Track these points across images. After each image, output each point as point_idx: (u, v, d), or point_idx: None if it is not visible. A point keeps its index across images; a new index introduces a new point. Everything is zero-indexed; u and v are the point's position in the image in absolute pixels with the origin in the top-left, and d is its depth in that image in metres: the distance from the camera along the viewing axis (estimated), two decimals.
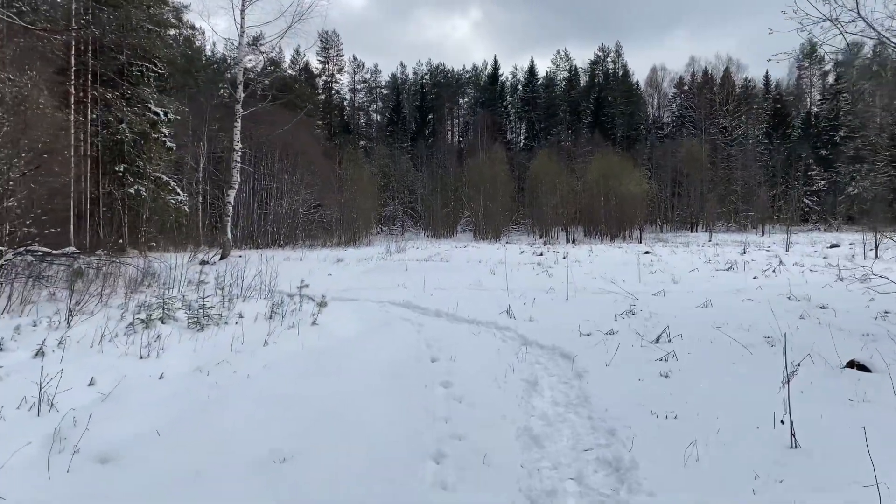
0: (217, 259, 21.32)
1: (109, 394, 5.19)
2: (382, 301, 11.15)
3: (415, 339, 7.82)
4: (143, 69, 29.10)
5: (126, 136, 27.81)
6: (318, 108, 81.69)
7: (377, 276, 15.81)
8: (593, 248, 31.23)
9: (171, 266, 14.44)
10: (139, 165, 28.10)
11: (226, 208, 22.70)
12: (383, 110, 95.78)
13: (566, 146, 75.76)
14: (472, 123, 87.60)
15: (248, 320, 8.55)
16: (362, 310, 10.22)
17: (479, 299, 11.24)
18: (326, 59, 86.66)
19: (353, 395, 5.36)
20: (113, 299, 9.73)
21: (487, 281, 14.09)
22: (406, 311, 10.14)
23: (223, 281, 11.93)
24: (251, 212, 43.62)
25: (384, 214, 71.41)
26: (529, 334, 8.08)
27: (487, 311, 9.87)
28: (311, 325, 8.39)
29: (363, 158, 72.25)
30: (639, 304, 10.75)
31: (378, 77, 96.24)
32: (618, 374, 6.22)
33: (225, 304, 9.36)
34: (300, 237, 45.42)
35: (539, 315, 9.51)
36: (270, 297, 10.81)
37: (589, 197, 58.12)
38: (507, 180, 61.38)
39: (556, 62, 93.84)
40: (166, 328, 7.60)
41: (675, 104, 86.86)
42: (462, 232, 66.45)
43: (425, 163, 72.86)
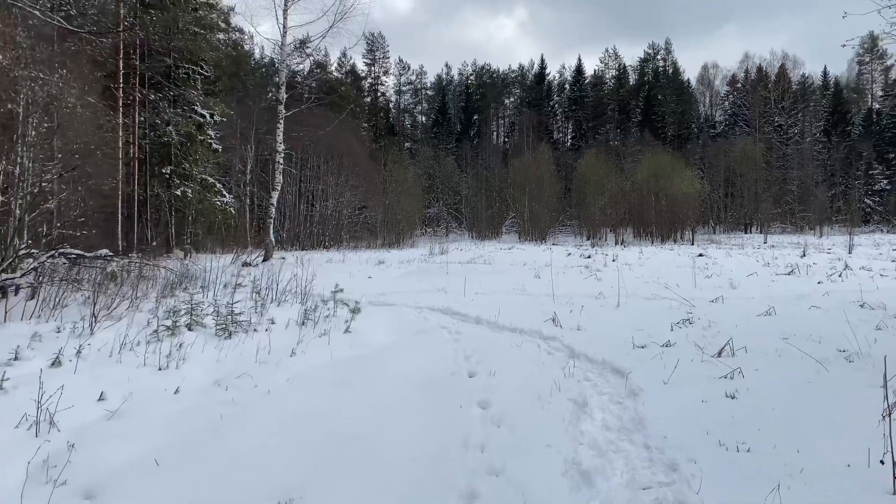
0: (260, 261, 21.14)
1: (117, 411, 4.78)
2: (421, 306, 10.63)
3: (452, 349, 7.27)
4: (189, 72, 29.29)
5: (173, 139, 28.00)
6: (363, 110, 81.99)
7: (417, 279, 15.32)
8: (643, 251, 30.21)
9: (210, 269, 14.24)
10: (185, 167, 28.27)
11: (269, 210, 22.54)
12: (428, 112, 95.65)
13: (615, 145, 74.27)
14: (518, 123, 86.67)
15: (279, 327, 8.14)
16: (399, 316, 9.72)
17: (523, 305, 10.62)
18: (372, 61, 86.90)
19: (379, 414, 4.84)
20: (144, 303, 9.44)
21: (532, 285, 13.45)
22: (445, 318, 9.60)
23: (259, 284, 11.63)
24: (297, 213, 43.72)
25: (428, 216, 71.09)
26: (577, 345, 7.45)
27: (531, 319, 9.25)
28: (344, 333, 7.92)
29: (408, 160, 72.15)
30: (696, 311, 9.99)
31: (423, 78, 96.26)
32: (677, 393, 5.56)
33: (257, 309, 8.98)
34: (345, 239, 45.41)
35: (587, 323, 8.86)
36: (305, 301, 10.41)
37: (638, 197, 56.65)
38: (553, 181, 60.33)
39: (605, 60, 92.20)
40: (192, 335, 7.23)
41: (728, 102, 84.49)
42: (507, 233, 65.69)
43: (470, 164, 72.29)
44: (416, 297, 11.92)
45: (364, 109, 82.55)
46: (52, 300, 9.08)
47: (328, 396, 5.29)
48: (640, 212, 56.92)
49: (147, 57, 28.63)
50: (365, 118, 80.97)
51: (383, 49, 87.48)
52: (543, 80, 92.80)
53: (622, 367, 6.43)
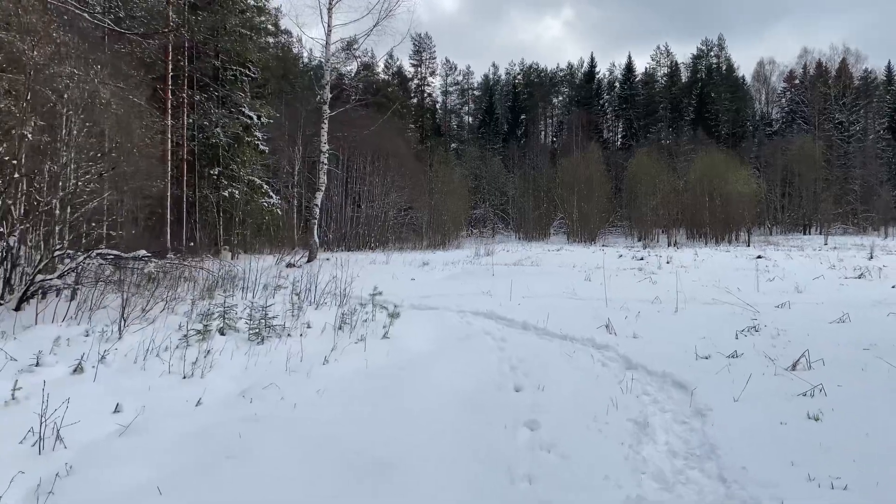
0: (304, 262, 20.94)
1: (130, 425, 4.40)
2: (464, 310, 10.10)
3: (497, 358, 6.73)
4: (236, 73, 29.40)
5: (220, 140, 28.12)
6: (409, 111, 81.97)
7: (462, 281, 14.80)
8: (698, 252, 29.11)
9: (252, 270, 13.99)
10: (233, 169, 28.34)
11: (313, 210, 22.34)
12: (475, 112, 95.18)
13: (667, 144, 72.66)
14: (567, 123, 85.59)
15: (315, 331, 7.74)
16: (441, 321, 9.21)
17: (573, 310, 10.01)
18: (419, 62, 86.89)
19: (413, 436, 4.34)
20: (180, 305, 9.15)
21: (582, 289, 12.79)
22: (489, 323, 9.05)
23: (299, 286, 11.28)
24: (343, 215, 43.71)
25: (475, 217, 70.55)
26: (634, 355, 6.83)
27: (583, 325, 8.65)
28: (382, 339, 7.46)
29: (454, 160, 71.75)
30: (761, 317, 9.24)
31: (470, 79, 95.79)
32: (751, 413, 4.92)
33: (294, 312, 8.60)
34: (391, 239, 45.21)
35: (644, 331, 8.21)
36: (344, 304, 10.01)
37: (692, 197, 55.07)
38: (603, 180, 59.16)
39: (656, 58, 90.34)
40: (223, 340, 6.87)
41: (785, 99, 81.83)
42: (555, 234, 64.73)
43: (517, 164, 71.55)
44: (459, 300, 11.40)
45: (410, 110, 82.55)
46: (91, 302, 8.88)
47: (357, 413, 4.81)
48: (693, 212, 55.34)
49: (195, 59, 28.84)
50: (411, 119, 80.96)
51: (430, 50, 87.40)
52: (593, 78, 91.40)
53: (685, 381, 5.80)
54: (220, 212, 29.08)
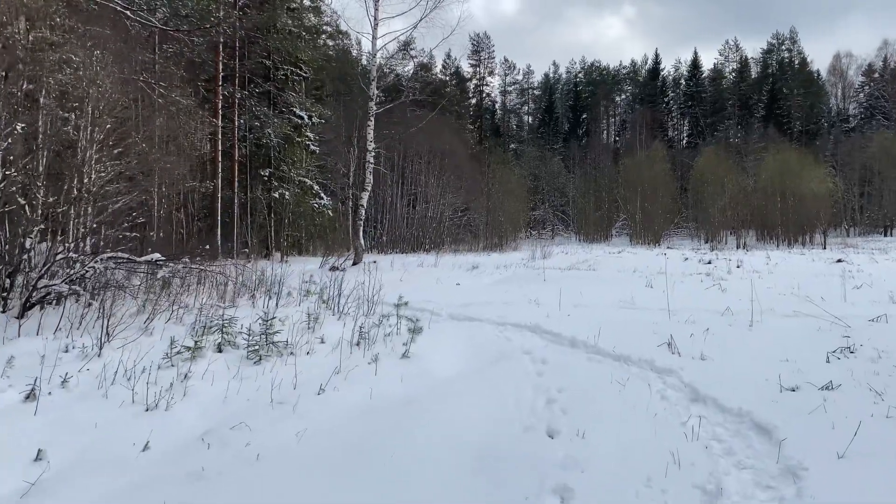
0: (349, 265, 20.16)
1: (38, 481, 3.45)
2: (505, 322, 8.93)
3: (532, 386, 5.56)
4: (287, 73, 28.95)
5: (271, 141, 27.69)
6: (468, 111, 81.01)
7: (509, 287, 13.60)
8: (770, 255, 27.10)
9: (285, 274, 13.20)
10: (284, 169, 27.87)
11: (358, 212, 21.52)
12: (535, 112, 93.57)
13: (735, 142, 69.67)
14: (630, 121, 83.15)
15: (326, 347, 6.76)
16: (476, 334, 8.07)
17: (631, 323, 8.74)
18: (477, 62, 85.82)
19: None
20: (189, 314, 8.32)
21: (642, 297, 11.44)
22: (532, 339, 7.87)
23: (329, 292, 10.39)
24: (397, 216, 43.01)
25: (534, 218, 69.09)
26: (702, 384, 5.57)
27: (641, 342, 7.40)
28: (401, 358, 6.40)
29: (512, 161, 70.41)
30: (854, 334, 7.79)
31: (530, 78, 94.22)
32: (865, 478, 3.65)
33: (311, 324, 7.65)
34: (446, 241, 44.33)
35: (714, 351, 6.91)
36: (372, 313, 9.03)
37: (762, 197, 52.29)
38: (668, 180, 56.89)
39: (724, 53, 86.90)
40: (217, 359, 5.95)
41: (864, 94, 77.26)
42: (617, 236, 62.65)
43: (578, 164, 69.76)
44: (503, 309, 10.26)
45: (469, 111, 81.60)
46: (103, 309, 8.15)
47: (332, 473, 3.74)
48: (763, 213, 52.54)
49: (246, 58, 28.53)
50: (469, 119, 79.98)
51: (488, 49, 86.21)
52: (657, 75, 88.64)
53: (769, 424, 4.54)
54: (271, 213, 28.69)
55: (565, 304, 10.53)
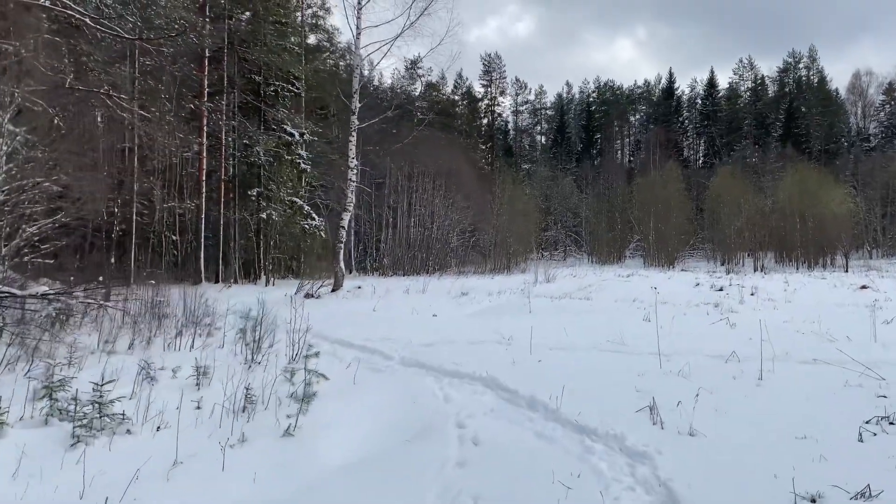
0: (328, 291, 18.64)
1: None
2: (459, 372, 7.25)
3: (441, 488, 3.96)
4: (278, 89, 27.72)
5: (260, 159, 26.40)
6: (480, 131, 79.78)
7: (487, 320, 11.93)
8: (789, 280, 25.23)
9: (230, 303, 11.71)
10: (272, 189, 26.54)
11: (338, 233, 20.00)
12: (547, 131, 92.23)
13: (752, 162, 67.68)
14: (644, 141, 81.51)
15: (202, 414, 5.19)
16: (411, 392, 6.41)
17: (612, 373, 7.09)
18: (489, 82, 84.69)
19: None
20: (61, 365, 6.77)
21: (635, 334, 9.73)
22: (479, 398, 6.22)
23: (251, 328, 8.84)
24: (399, 237, 41.50)
25: (546, 239, 67.38)
26: (683, 484, 3.94)
27: (616, 404, 5.78)
28: (282, 437, 4.79)
29: (524, 181, 68.95)
30: (892, 392, 6.14)
31: (543, 98, 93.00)
32: None
33: (199, 378, 6.10)
34: (451, 263, 42.80)
35: (708, 421, 5.25)
36: (295, 359, 7.48)
37: (780, 218, 50.30)
38: (682, 200, 55.08)
39: (739, 72, 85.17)
40: (24, 439, 4.40)
41: (884, 112, 75.11)
42: (631, 257, 60.71)
43: (591, 184, 68.06)
44: (465, 351, 8.64)
45: (480, 131, 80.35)
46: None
47: None
48: (782, 234, 50.52)
49: (235, 74, 27.37)
50: (481, 139, 78.74)
51: (500, 69, 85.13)
52: (672, 94, 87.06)
53: None
54: (260, 235, 27.34)
55: (542, 343, 8.88)
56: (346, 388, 6.36)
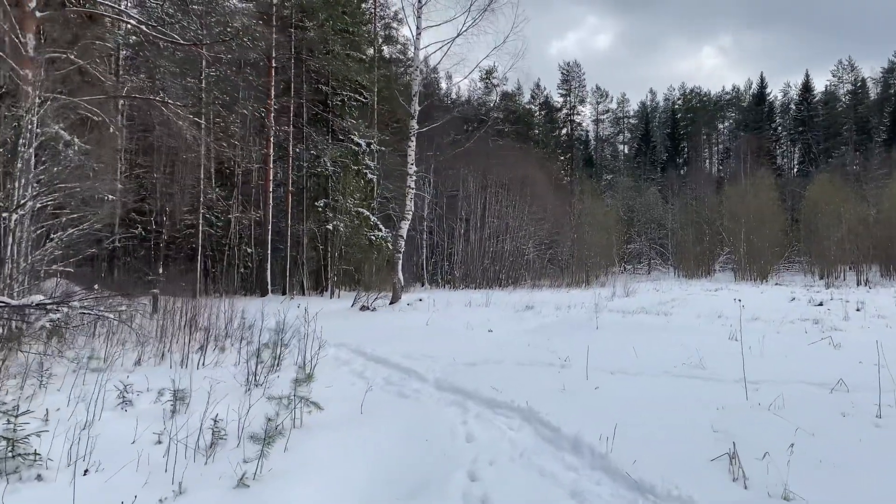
0: (386, 303, 17.72)
1: None
2: (495, 401, 6.06)
3: None
4: (344, 98, 27.27)
5: (327, 170, 25.96)
6: (558, 141, 77.96)
7: (545, 337, 10.56)
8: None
9: (283, 314, 10.88)
10: (339, 200, 26.02)
11: (397, 243, 19.07)
12: (630, 141, 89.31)
13: (853, 169, 63.01)
14: (734, 149, 77.52)
15: (149, 454, 4.21)
16: (420, 431, 5.14)
17: (682, 408, 5.69)
18: (567, 91, 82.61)
19: None
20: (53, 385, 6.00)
21: (717, 357, 8.20)
22: (511, 436, 4.97)
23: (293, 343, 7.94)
24: (472, 250, 40.40)
25: (629, 252, 64.77)
26: None
27: (685, 449, 4.46)
28: (234, 488, 3.73)
29: (605, 192, 66.70)
30: None
31: (625, 107, 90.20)
32: None
33: (176, 405, 5.16)
34: (526, 276, 41.41)
35: (809, 476, 3.86)
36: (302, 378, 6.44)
37: (886, 228, 46.19)
38: (776, 211, 51.62)
39: (838, 74, 79.89)
40: None
41: None
42: (721, 271, 57.35)
43: (677, 194, 65.02)
44: (511, 375, 7.41)
45: (559, 141, 78.51)
46: None
47: None
48: (888, 245, 46.37)
49: (302, 84, 27.12)
50: (560, 149, 76.87)
51: (579, 78, 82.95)
52: (763, 100, 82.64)
53: None
54: (327, 246, 26.87)
55: (603, 366, 7.54)
56: (349, 419, 5.28)
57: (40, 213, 10.09)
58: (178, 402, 5.14)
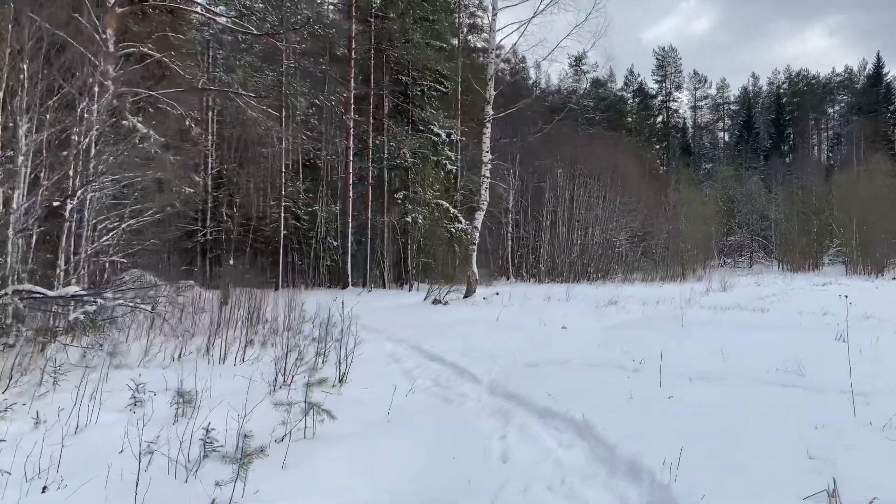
0: (460, 297, 17.07)
1: None
2: (549, 410, 5.23)
3: None
4: (424, 88, 26.80)
5: (406, 161, 25.60)
6: (653, 129, 75.16)
7: (623, 335, 9.51)
8: None
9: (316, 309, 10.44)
10: (418, 191, 25.62)
11: (472, 234, 18.34)
12: (731, 128, 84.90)
13: None
14: (845, 134, 72.31)
15: (125, 470, 3.70)
16: (448, 447, 4.43)
17: (772, 423, 4.70)
18: (663, 77, 79.40)
19: None
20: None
21: (821, 359, 7.02)
22: (561, 456, 4.15)
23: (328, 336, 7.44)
24: (559, 242, 39.19)
25: (729, 244, 61.53)
26: None
27: (773, 481, 3.55)
28: None
29: (703, 181, 63.60)
30: None
31: (725, 92, 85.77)
32: None
33: (181, 408, 4.67)
34: (617, 270, 39.86)
35: None
36: (340, 377, 5.88)
37: None
38: (893, 199, 47.50)
39: None
40: None
41: None
42: (830, 264, 53.50)
43: (781, 183, 61.14)
44: (574, 377, 6.59)
45: (655, 129, 75.68)
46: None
47: None
48: None
49: (383, 75, 26.85)
50: (655, 138, 74.06)
51: (675, 63, 79.50)
52: (880, 81, 76.51)
53: None
54: (407, 239, 26.56)
55: (683, 369, 6.58)
56: (371, 429, 4.64)
57: (99, 203, 10.00)
58: (184, 405, 4.65)
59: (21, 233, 7.44)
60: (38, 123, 8.50)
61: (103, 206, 10.06)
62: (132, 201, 10.83)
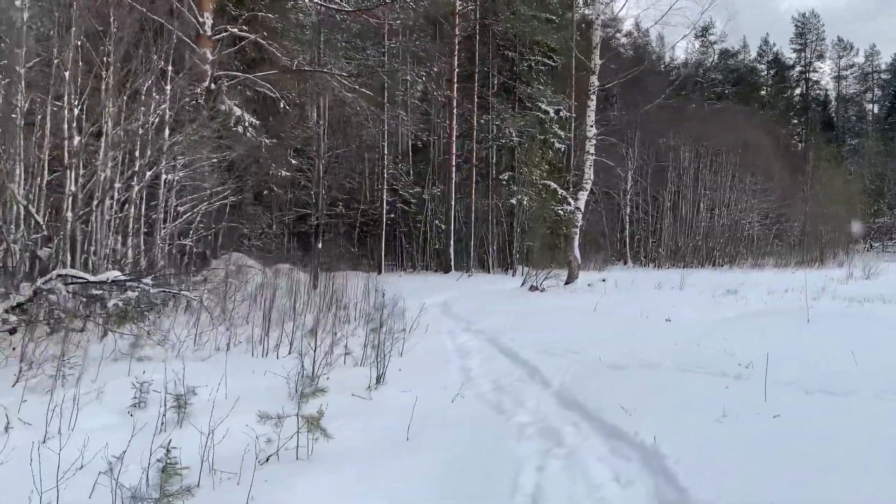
0: (560, 284, 15.97)
1: None
2: (618, 430, 4.25)
3: None
4: (531, 63, 25.63)
5: (512, 140, 24.62)
6: (791, 102, 69.47)
7: (736, 330, 8.06)
8: None
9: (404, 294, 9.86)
10: (524, 172, 24.60)
11: (574, 216, 17.09)
12: (881, 99, 76.89)
13: None
14: None
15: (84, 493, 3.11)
16: (469, 479, 3.61)
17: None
18: (802, 45, 72.94)
19: None
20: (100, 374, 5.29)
21: None
22: (612, 496, 3.29)
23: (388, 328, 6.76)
24: (681, 225, 36.84)
25: (878, 226, 55.93)
26: None
27: None
28: None
29: (848, 158, 58.09)
30: None
31: (875, 60, 77.65)
32: None
33: (179, 414, 4.09)
34: (747, 255, 37.13)
35: None
36: (378, 378, 5.14)
37: None
38: None
39: None
40: None
41: None
42: None
43: None
44: (661, 383, 5.49)
45: (792, 101, 69.93)
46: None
47: None
48: None
49: (488, 51, 25.92)
50: (792, 111, 68.43)
51: (817, 30, 72.74)
52: None
53: None
54: (513, 222, 25.64)
55: (799, 378, 5.33)
56: (384, 450, 3.84)
57: (180, 185, 9.82)
58: (180, 410, 4.05)
59: (80, 219, 7.23)
60: (137, 109, 8.40)
61: (185, 189, 9.84)
62: (216, 183, 10.60)
